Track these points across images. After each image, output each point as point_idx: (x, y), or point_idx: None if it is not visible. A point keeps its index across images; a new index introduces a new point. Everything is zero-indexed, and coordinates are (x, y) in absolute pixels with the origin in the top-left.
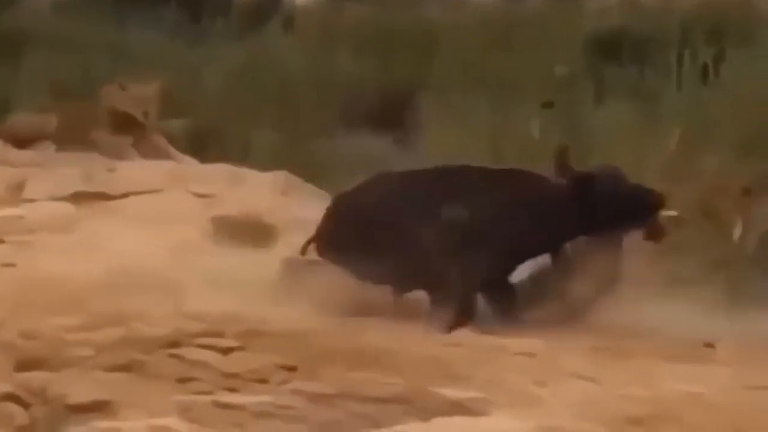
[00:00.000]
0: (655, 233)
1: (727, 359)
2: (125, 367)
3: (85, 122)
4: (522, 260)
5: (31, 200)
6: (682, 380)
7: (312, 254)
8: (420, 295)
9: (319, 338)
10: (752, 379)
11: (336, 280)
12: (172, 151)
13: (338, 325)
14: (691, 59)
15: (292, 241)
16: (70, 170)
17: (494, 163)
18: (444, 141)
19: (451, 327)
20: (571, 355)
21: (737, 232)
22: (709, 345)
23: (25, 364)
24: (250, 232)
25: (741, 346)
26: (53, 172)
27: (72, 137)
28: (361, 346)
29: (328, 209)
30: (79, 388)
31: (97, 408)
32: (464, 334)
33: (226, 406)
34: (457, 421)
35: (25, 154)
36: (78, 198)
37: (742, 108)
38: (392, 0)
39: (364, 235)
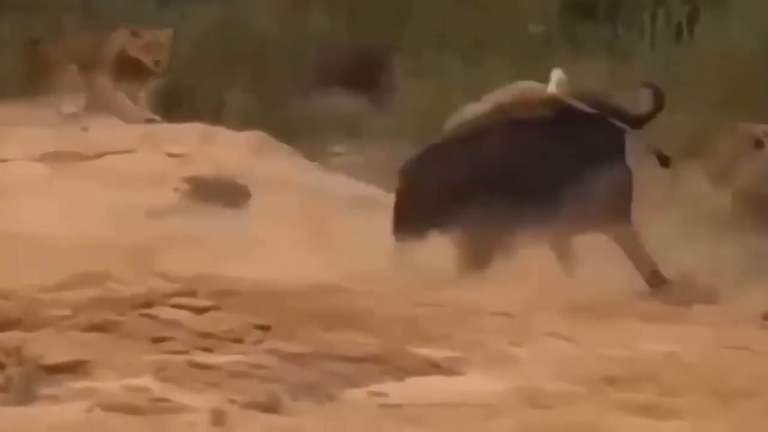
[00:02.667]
0: (662, 158)
1: (703, 319)
2: (100, 327)
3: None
4: None
5: (4, 160)
6: (660, 340)
7: None
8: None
9: (294, 298)
10: (728, 339)
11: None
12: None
13: (313, 284)
14: (665, 18)
15: (265, 202)
16: (44, 130)
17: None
18: (418, 100)
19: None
20: (548, 315)
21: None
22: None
23: None
24: (224, 191)
25: (717, 306)
26: (26, 132)
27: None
28: (336, 305)
29: (403, 186)
30: (54, 349)
31: (72, 368)
32: (439, 294)
33: (200, 365)
34: (433, 380)
35: None
36: (51, 158)
37: (715, 67)
38: None
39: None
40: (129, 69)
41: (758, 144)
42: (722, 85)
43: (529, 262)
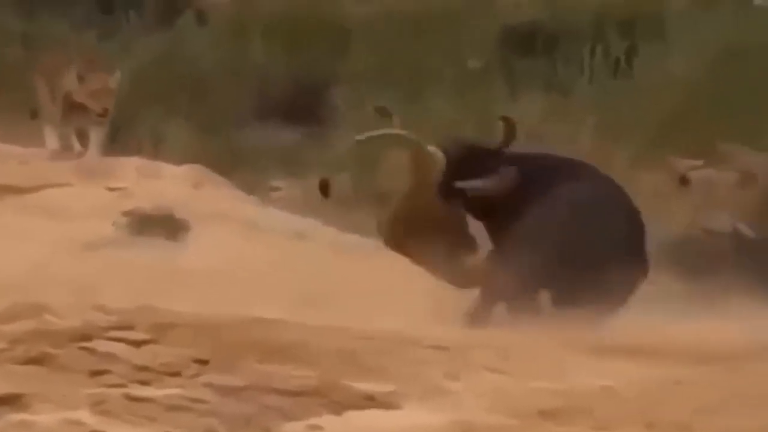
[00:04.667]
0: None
1: (638, 351)
2: (37, 360)
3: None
4: None
5: None
6: (594, 374)
7: None
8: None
9: (232, 331)
10: (662, 372)
11: None
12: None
13: (251, 317)
14: (603, 54)
15: (204, 235)
16: None
17: None
18: (357, 133)
19: None
20: (483, 347)
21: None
22: None
23: None
24: (162, 225)
25: (651, 338)
26: None
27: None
28: (273, 338)
29: None
30: None
31: (9, 401)
32: (376, 326)
33: (137, 399)
34: (370, 414)
35: None
36: None
37: (653, 102)
38: None
39: None
40: (75, 110)
41: (683, 181)
42: (660, 118)
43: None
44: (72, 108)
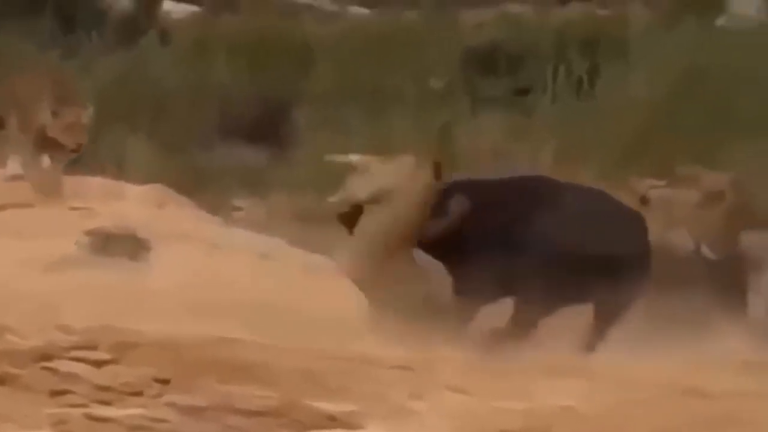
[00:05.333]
0: None
1: (599, 373)
2: None
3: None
4: None
5: None
6: (556, 394)
7: None
8: None
9: (193, 350)
10: (624, 393)
11: None
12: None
13: (213, 337)
14: (566, 74)
15: (166, 255)
16: None
17: None
18: (320, 152)
19: None
20: (447, 368)
21: None
22: None
23: None
24: (125, 245)
25: (613, 360)
26: None
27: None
28: (235, 358)
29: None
30: None
31: None
32: (339, 346)
33: (99, 419)
34: None
35: None
36: None
37: (616, 121)
38: (268, 12)
39: None
40: (48, 144)
41: (643, 201)
42: (622, 139)
43: None
44: (45, 142)
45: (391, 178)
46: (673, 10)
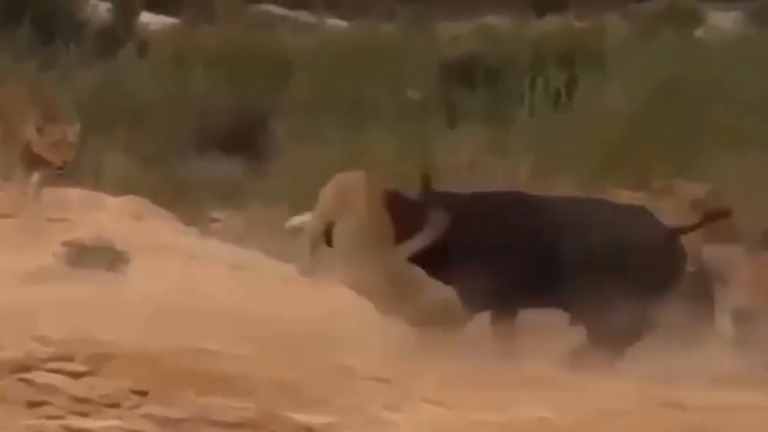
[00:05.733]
0: None
1: (576, 384)
2: None
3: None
4: None
5: None
6: (533, 406)
7: None
8: None
9: (171, 362)
10: (600, 405)
11: None
12: None
13: (190, 348)
14: (543, 86)
15: (144, 266)
16: None
17: None
18: (297, 164)
19: None
20: (425, 379)
21: None
22: None
23: None
24: (102, 256)
25: (589, 371)
26: None
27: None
28: (213, 369)
29: None
30: None
31: None
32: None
33: (76, 430)
34: None
35: None
36: None
37: (594, 133)
38: (246, 24)
39: None
40: (34, 160)
41: None
42: (600, 150)
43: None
44: (31, 158)
45: (335, 201)
46: (650, 23)
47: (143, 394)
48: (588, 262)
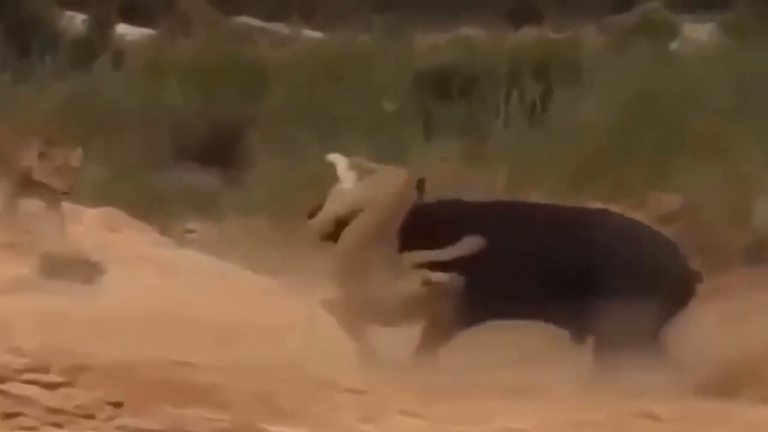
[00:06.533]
0: None
1: (553, 396)
2: None
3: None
4: None
5: None
6: (511, 417)
7: None
8: None
9: (147, 373)
10: (577, 416)
11: None
12: None
13: (166, 359)
14: (519, 98)
15: (119, 278)
16: None
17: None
18: (273, 175)
19: None
20: (400, 391)
21: None
22: None
23: None
24: (77, 267)
25: (567, 382)
26: None
27: None
28: (188, 381)
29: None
30: None
31: None
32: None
33: None
34: None
35: None
36: None
37: (569, 145)
38: (221, 35)
39: None
40: (33, 187)
41: None
42: (575, 162)
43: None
44: (29, 185)
45: (370, 191)
46: (625, 35)
47: (118, 405)
48: (598, 276)
